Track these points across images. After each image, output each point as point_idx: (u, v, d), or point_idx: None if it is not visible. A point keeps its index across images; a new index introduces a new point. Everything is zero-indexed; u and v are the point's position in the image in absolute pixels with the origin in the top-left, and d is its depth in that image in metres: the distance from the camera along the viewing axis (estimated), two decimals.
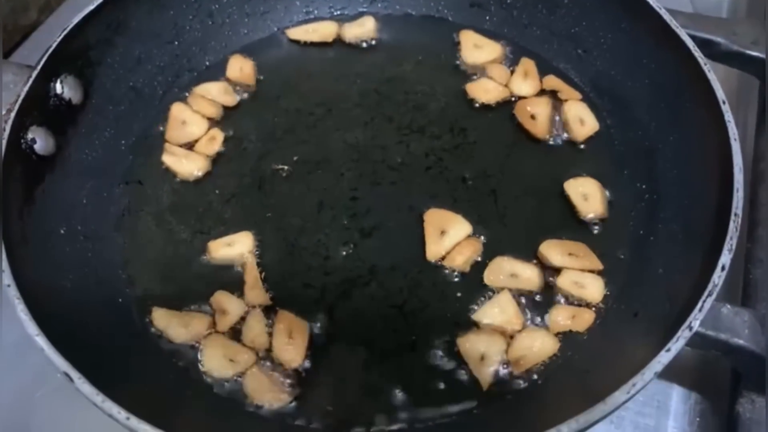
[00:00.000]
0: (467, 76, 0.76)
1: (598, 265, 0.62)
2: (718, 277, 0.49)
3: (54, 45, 0.62)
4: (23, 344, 0.48)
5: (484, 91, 0.74)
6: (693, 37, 0.74)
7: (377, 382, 0.57)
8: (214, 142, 0.71)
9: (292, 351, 0.57)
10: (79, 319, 0.54)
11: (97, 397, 0.44)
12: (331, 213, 0.66)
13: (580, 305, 0.61)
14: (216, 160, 0.71)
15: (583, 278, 0.61)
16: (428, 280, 0.62)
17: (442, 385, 0.56)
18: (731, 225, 0.51)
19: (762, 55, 0.74)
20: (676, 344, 0.46)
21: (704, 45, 0.75)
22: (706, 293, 0.48)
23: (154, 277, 0.62)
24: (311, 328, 0.59)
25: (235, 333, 0.59)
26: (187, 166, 0.69)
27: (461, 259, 0.62)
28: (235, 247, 0.64)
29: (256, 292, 0.61)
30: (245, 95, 0.76)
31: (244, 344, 0.58)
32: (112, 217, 0.66)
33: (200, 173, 0.69)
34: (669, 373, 0.62)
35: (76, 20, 0.64)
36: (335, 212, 0.66)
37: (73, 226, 0.62)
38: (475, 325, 0.59)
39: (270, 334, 0.59)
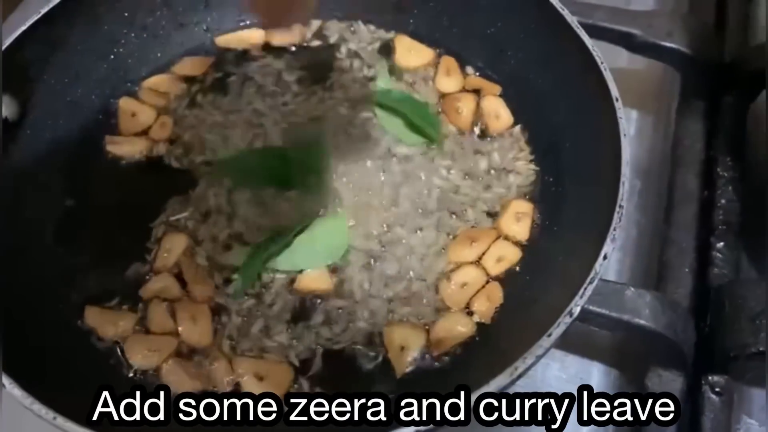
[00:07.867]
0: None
1: (495, 234, 0.66)
2: (599, 266, 0.52)
3: None
4: None
5: None
6: (612, 31, 0.79)
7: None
8: (165, 127, 0.75)
9: (199, 332, 0.61)
10: (21, 328, 0.57)
11: (26, 400, 0.47)
12: None
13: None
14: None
15: (498, 251, 0.65)
16: None
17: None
18: (615, 216, 0.54)
19: (676, 46, 0.78)
20: (557, 329, 0.49)
21: (623, 38, 0.78)
22: (587, 281, 0.51)
23: (92, 282, 0.65)
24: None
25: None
26: (129, 148, 0.73)
27: None
28: (173, 253, 0.66)
29: (199, 286, 0.64)
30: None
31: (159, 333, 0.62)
32: (54, 227, 0.67)
33: (143, 154, 0.73)
34: (591, 352, 0.66)
35: (9, 40, 0.66)
36: None
37: (17, 239, 0.64)
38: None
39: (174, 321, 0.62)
